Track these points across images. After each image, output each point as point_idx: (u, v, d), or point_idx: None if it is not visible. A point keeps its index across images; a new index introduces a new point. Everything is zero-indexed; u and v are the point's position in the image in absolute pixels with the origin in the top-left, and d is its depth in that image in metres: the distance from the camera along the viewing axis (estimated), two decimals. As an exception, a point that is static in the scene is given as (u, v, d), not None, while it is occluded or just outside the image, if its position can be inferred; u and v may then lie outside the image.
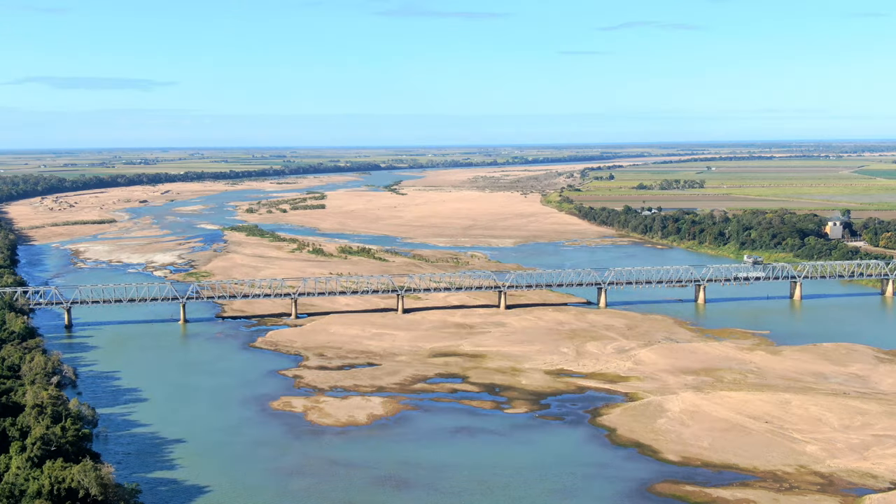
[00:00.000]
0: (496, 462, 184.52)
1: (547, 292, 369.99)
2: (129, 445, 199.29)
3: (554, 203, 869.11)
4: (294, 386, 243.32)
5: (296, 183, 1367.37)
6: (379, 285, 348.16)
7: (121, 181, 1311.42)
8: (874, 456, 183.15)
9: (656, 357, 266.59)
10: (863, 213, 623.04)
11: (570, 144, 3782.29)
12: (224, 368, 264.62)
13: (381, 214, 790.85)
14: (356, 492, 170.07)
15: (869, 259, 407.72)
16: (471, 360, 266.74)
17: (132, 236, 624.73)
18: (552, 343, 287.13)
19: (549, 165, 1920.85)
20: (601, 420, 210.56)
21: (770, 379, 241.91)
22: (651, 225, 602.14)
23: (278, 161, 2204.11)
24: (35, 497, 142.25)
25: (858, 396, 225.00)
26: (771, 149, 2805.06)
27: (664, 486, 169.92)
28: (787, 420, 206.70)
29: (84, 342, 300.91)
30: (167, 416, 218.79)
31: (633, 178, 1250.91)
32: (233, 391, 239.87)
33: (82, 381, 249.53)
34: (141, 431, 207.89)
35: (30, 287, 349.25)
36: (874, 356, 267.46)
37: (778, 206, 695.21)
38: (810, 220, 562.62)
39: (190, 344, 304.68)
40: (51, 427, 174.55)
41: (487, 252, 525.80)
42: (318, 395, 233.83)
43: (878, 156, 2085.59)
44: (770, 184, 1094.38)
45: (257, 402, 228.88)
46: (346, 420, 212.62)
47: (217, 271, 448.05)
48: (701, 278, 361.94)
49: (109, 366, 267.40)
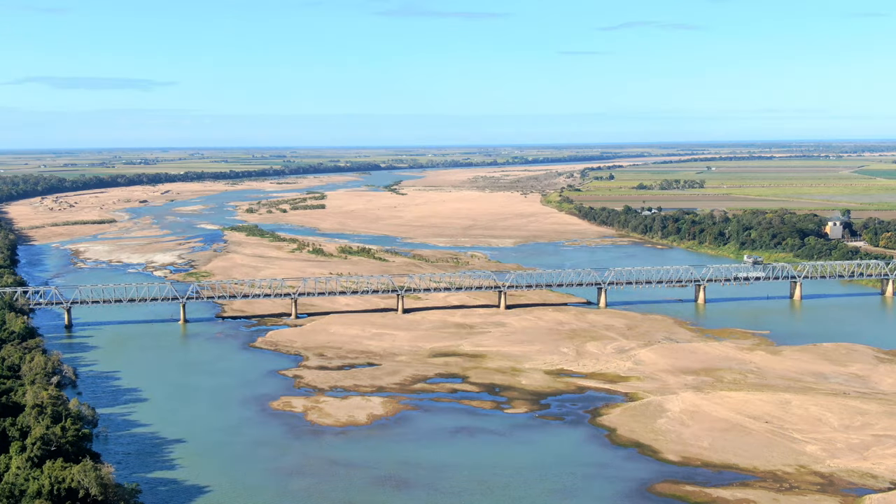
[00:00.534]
0: (496, 462, 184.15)
1: (547, 292, 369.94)
2: (129, 445, 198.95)
3: (554, 203, 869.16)
4: (294, 386, 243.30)
5: (296, 183, 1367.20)
6: (379, 285, 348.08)
7: (121, 181, 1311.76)
8: (874, 456, 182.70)
9: (656, 357, 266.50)
10: (863, 213, 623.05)
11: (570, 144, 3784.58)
12: (224, 368, 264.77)
13: (381, 214, 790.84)
14: (356, 492, 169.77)
15: (869, 259, 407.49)
16: (471, 360, 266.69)
17: (132, 236, 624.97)
18: (552, 343, 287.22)
19: (549, 165, 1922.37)
20: (601, 420, 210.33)
21: (770, 379, 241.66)
22: (651, 225, 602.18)
23: (278, 161, 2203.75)
24: (35, 497, 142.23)
25: (858, 396, 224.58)
26: (771, 149, 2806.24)
27: (664, 486, 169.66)
28: (787, 420, 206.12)
29: (84, 342, 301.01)
30: (167, 416, 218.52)
31: (633, 178, 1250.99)
32: (233, 391, 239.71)
33: (82, 381, 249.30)
34: (141, 431, 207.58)
35: (30, 287, 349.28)
36: (874, 356, 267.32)
37: (778, 206, 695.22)
38: (810, 220, 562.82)
39: (190, 344, 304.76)
40: (51, 427, 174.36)
41: (487, 252, 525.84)
42: (318, 395, 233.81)
43: (878, 156, 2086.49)
44: (770, 184, 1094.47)
45: (257, 402, 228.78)
46: (346, 420, 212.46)
47: (217, 271, 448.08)
48: (701, 278, 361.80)
49: (109, 366, 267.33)
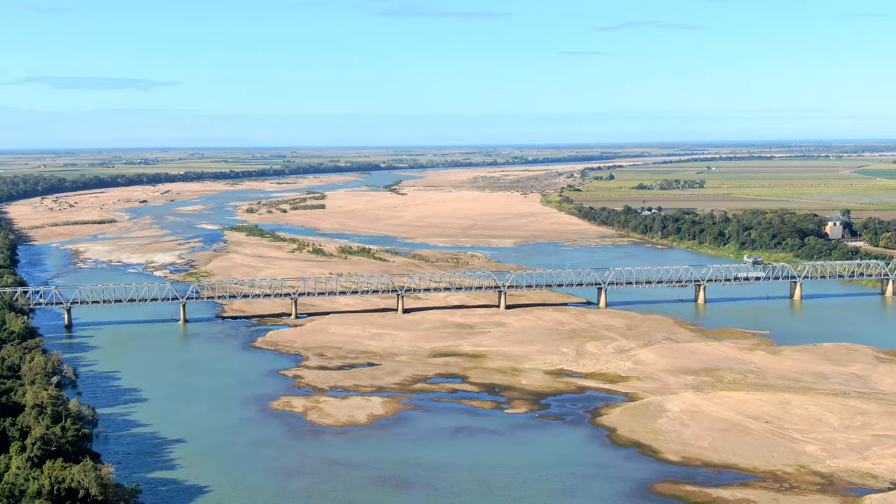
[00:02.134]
0: (496, 462, 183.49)
1: (547, 292, 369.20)
2: (129, 445, 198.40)
3: (554, 203, 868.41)
4: (294, 386, 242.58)
5: (296, 183, 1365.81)
6: (379, 285, 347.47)
7: (121, 181, 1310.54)
8: (874, 456, 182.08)
9: (656, 357, 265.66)
10: (863, 213, 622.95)
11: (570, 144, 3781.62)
12: (224, 368, 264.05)
13: (380, 214, 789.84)
14: (356, 492, 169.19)
15: (869, 259, 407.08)
16: (471, 360, 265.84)
17: (132, 236, 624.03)
18: (552, 343, 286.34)
19: (549, 165, 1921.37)
20: (601, 420, 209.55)
21: (770, 379, 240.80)
22: (651, 225, 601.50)
23: (278, 161, 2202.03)
24: (35, 497, 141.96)
25: (858, 396, 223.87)
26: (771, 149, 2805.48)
27: (664, 486, 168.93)
28: (787, 420, 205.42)
29: (84, 342, 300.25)
30: (167, 416, 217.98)
31: (633, 178, 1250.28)
32: (233, 391, 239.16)
33: (82, 380, 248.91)
34: (141, 431, 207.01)
35: (30, 287, 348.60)
36: (874, 356, 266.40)
37: (778, 206, 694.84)
38: (810, 220, 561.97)
39: (190, 344, 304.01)
40: (51, 427, 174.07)
41: (487, 252, 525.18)
42: (318, 395, 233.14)
43: (879, 156, 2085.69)
44: (770, 184, 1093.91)
45: (257, 402, 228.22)
46: (346, 420, 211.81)
47: (217, 271, 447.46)
48: (701, 278, 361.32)
49: (109, 366, 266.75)
